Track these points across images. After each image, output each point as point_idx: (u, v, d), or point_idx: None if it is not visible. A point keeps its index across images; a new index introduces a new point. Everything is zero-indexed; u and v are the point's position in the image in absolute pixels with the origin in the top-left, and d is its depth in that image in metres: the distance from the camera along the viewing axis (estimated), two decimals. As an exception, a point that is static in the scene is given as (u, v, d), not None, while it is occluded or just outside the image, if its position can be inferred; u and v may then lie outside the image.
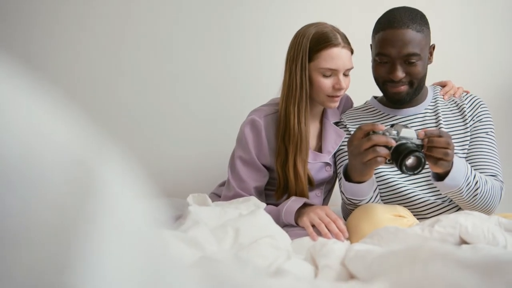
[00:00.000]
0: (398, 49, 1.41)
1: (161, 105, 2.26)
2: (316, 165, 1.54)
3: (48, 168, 0.26)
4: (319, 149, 1.59)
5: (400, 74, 1.43)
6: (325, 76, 1.45)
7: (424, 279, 0.44)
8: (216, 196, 1.63)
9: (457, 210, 1.42)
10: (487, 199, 1.36)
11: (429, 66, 1.52)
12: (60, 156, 0.27)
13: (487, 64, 2.28)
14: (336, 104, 1.51)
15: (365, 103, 1.69)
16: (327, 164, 1.57)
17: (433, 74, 1.62)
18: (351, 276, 0.92)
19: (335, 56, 1.43)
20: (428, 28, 1.47)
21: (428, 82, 1.61)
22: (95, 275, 0.25)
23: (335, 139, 1.56)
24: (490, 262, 0.43)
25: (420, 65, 1.44)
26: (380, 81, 1.51)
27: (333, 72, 1.45)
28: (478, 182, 1.34)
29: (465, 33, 2.28)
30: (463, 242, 1.15)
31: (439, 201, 1.47)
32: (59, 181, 0.26)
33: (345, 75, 1.47)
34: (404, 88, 1.47)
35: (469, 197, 1.34)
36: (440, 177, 1.32)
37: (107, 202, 0.28)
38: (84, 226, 0.26)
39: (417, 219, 1.42)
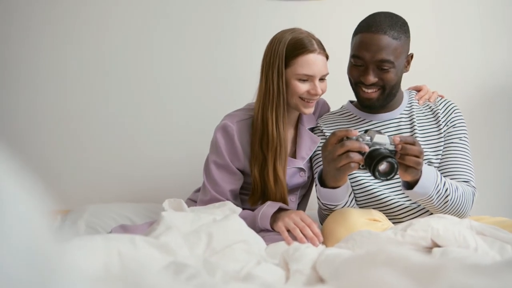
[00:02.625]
0: (372, 54, 1.43)
1: (141, 110, 2.25)
2: (290, 170, 1.55)
3: None
4: (293, 154, 1.60)
5: (372, 78, 1.45)
6: (301, 81, 1.46)
7: (366, 282, 0.46)
8: (192, 201, 1.63)
9: (431, 214, 1.44)
10: (458, 205, 1.38)
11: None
12: None
13: (463, 68, 2.31)
14: (311, 110, 1.52)
15: (341, 107, 1.70)
16: (301, 169, 1.58)
17: (408, 78, 1.64)
18: (321, 280, 0.93)
19: (311, 62, 1.45)
20: (408, 36, 1.48)
21: (404, 86, 1.63)
22: None
23: (310, 145, 1.58)
24: (429, 268, 0.44)
25: (393, 72, 1.45)
26: (353, 82, 1.53)
27: (309, 78, 1.46)
28: (448, 189, 1.35)
29: (440, 37, 2.31)
30: (435, 245, 1.16)
31: (414, 205, 1.49)
32: None
33: (321, 80, 1.49)
34: (375, 94, 1.49)
35: (439, 204, 1.36)
36: (409, 185, 1.33)
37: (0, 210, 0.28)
38: None
39: (393, 222, 1.44)
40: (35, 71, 2.21)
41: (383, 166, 1.19)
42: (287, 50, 1.45)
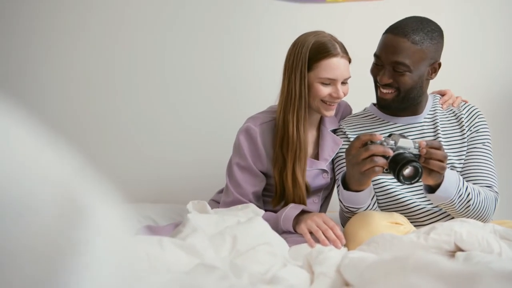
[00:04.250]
0: (388, 55, 1.44)
1: (160, 111, 2.28)
2: (312, 172, 1.56)
3: (38, 199, 0.29)
4: (316, 156, 1.61)
5: (386, 79, 1.46)
6: (323, 85, 1.47)
7: (401, 289, 0.47)
8: (215, 202, 1.65)
9: (452, 217, 1.44)
10: (480, 210, 1.38)
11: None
12: (50, 189, 0.30)
13: (486, 72, 2.29)
14: (332, 113, 1.53)
15: (364, 109, 1.71)
16: (324, 171, 1.58)
17: (432, 82, 1.64)
18: (346, 283, 0.94)
19: (334, 66, 1.45)
20: (434, 44, 1.46)
21: (429, 90, 1.62)
22: None
23: (332, 147, 1.58)
24: (464, 276, 0.45)
25: (409, 76, 1.45)
26: (373, 80, 1.56)
27: (332, 82, 1.47)
28: (471, 194, 1.35)
29: (464, 41, 2.29)
30: (458, 249, 1.16)
31: (436, 209, 1.48)
32: (49, 211, 0.29)
33: (343, 83, 1.50)
34: (390, 95, 1.50)
35: (461, 208, 1.36)
36: (431, 189, 1.33)
37: (93, 229, 0.30)
38: (72, 252, 0.28)
39: (414, 226, 1.44)
40: (45, 72, 2.25)
41: (407, 171, 1.20)
42: (310, 53, 1.46)
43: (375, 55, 1.50)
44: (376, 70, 1.51)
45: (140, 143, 2.28)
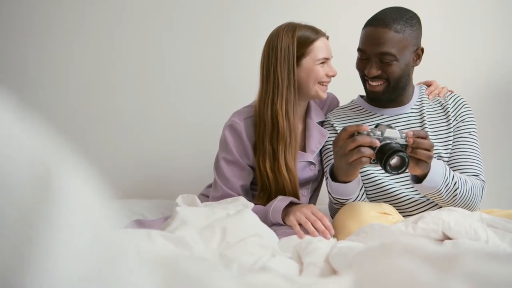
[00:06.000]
0: (373, 47, 1.45)
1: (151, 106, 2.28)
2: (300, 164, 1.57)
3: (12, 172, 0.29)
4: (303, 148, 1.61)
5: (374, 71, 1.47)
6: (321, 65, 1.51)
7: (385, 271, 0.47)
8: (205, 197, 1.65)
9: (440, 207, 1.45)
10: (467, 199, 1.39)
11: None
12: (23, 162, 0.30)
13: (472, 64, 2.31)
14: (326, 94, 1.56)
15: (351, 101, 1.71)
16: (311, 163, 1.59)
17: (419, 74, 1.65)
18: (335, 273, 0.95)
19: (324, 45, 1.52)
20: (414, 30, 1.48)
21: (414, 81, 1.63)
22: (50, 270, 0.27)
23: (319, 139, 1.59)
24: (447, 256, 0.46)
25: (396, 65, 1.46)
26: (360, 75, 1.57)
27: (326, 61, 1.52)
28: (457, 183, 1.36)
29: (450, 32, 2.31)
30: (446, 237, 1.17)
31: (423, 199, 1.50)
32: (22, 184, 0.29)
33: None
34: (380, 87, 1.51)
35: (448, 197, 1.37)
36: (418, 179, 1.34)
37: (64, 201, 0.30)
38: (44, 223, 0.28)
39: (402, 216, 1.45)
40: (44, 69, 2.23)
41: (394, 160, 1.20)
42: (300, 41, 1.49)
43: (359, 49, 1.51)
44: (362, 64, 1.52)
45: (139, 142, 2.28)
